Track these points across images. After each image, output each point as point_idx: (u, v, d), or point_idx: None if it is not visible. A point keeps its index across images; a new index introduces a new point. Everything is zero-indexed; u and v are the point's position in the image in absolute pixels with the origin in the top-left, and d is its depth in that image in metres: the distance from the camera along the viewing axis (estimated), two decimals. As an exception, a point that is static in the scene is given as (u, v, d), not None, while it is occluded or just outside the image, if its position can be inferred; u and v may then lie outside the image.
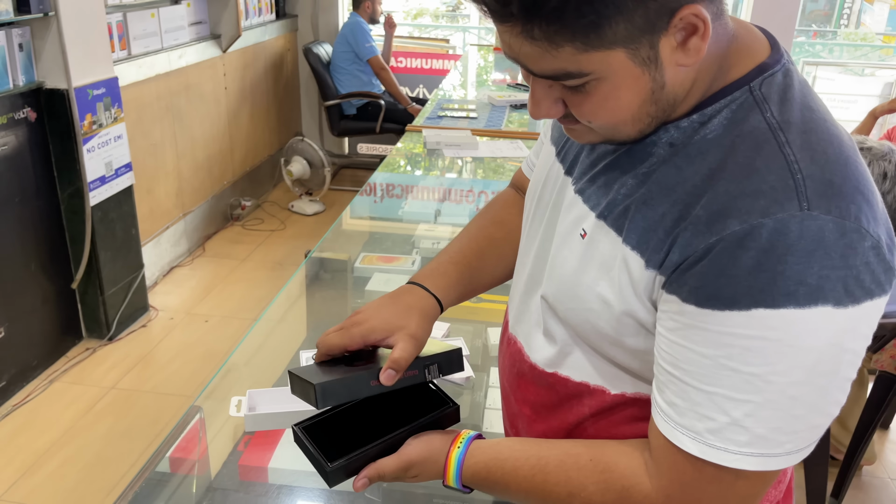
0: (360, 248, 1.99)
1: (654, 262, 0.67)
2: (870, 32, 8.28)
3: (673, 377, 0.66)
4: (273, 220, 4.42)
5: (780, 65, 0.68)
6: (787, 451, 0.64)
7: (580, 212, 0.75)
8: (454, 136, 2.77)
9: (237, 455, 1.16)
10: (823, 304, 0.59)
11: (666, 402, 0.67)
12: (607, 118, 0.66)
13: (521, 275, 0.88)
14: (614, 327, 0.72)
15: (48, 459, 2.39)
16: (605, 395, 0.78)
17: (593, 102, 0.65)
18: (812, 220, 0.59)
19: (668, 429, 0.67)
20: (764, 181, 0.62)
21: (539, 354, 0.83)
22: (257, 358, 1.49)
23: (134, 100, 3.26)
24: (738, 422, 0.62)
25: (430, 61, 5.35)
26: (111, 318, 3.04)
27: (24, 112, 2.64)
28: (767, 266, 0.59)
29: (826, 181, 0.61)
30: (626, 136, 0.69)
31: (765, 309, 0.60)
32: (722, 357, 0.62)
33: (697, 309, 0.63)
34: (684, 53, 0.62)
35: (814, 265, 0.59)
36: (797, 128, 0.64)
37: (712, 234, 0.62)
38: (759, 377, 0.61)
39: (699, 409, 0.64)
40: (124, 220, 3.09)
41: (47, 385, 2.77)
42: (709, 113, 0.67)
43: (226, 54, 4.12)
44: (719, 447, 0.64)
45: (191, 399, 2.74)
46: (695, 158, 0.66)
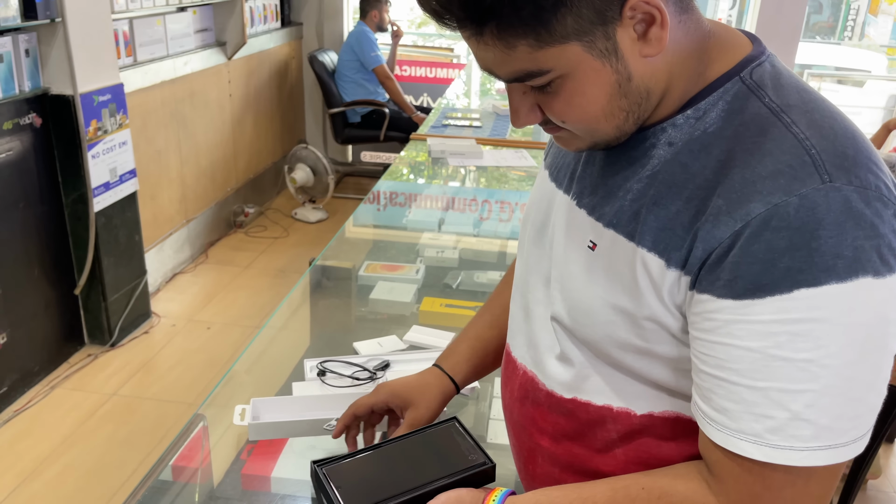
0: (364, 256, 1.99)
1: (675, 262, 0.65)
2: (874, 44, 8.29)
3: (719, 380, 0.63)
4: (276, 228, 4.42)
5: (765, 56, 0.69)
6: (852, 438, 0.61)
7: (586, 225, 0.74)
8: (458, 144, 2.77)
9: (240, 464, 1.15)
10: (864, 275, 0.58)
11: (715, 409, 0.64)
12: (578, 115, 0.66)
13: (524, 303, 0.86)
14: (640, 335, 0.70)
15: (48, 466, 2.38)
16: (631, 418, 0.75)
17: (562, 101, 0.66)
18: (836, 191, 0.59)
19: (724, 437, 0.63)
20: (779, 161, 0.61)
21: (555, 381, 0.80)
22: (260, 366, 1.48)
23: (139, 106, 3.27)
24: (798, 415, 0.59)
25: (435, 70, 5.36)
26: (113, 324, 3.04)
27: (30, 117, 2.64)
28: (801, 244, 0.58)
29: (840, 153, 0.61)
30: (606, 135, 0.69)
31: (807, 289, 0.58)
32: (771, 347, 0.60)
33: (736, 302, 0.61)
34: (647, 44, 0.63)
35: (847, 236, 0.58)
36: (798, 109, 0.64)
37: (736, 221, 0.61)
38: (813, 362, 0.59)
39: (755, 409, 0.61)
40: (128, 227, 3.09)
41: (49, 391, 2.76)
42: (703, 107, 0.67)
43: (231, 61, 4.13)
44: (784, 447, 0.60)
45: (192, 406, 2.73)
46: (699, 154, 0.66)
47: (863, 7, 8.73)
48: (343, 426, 1.02)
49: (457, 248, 2.03)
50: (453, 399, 1.03)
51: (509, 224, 2.23)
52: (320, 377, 1.30)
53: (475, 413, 1.31)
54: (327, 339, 1.63)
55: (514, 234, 2.13)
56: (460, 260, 1.94)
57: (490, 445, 1.23)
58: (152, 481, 1.10)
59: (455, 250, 2.01)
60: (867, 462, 2.05)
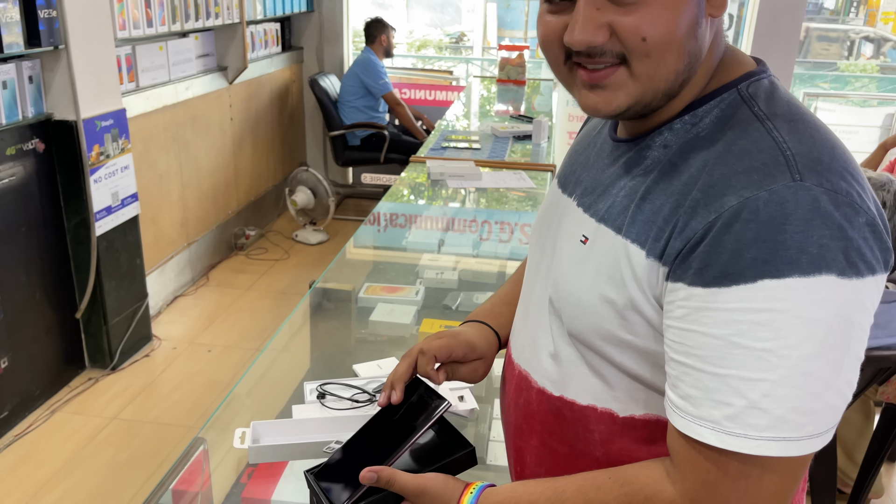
0: (364, 277, 2.00)
1: (654, 251, 0.68)
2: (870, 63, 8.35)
3: (686, 367, 0.65)
4: (277, 250, 4.43)
5: (766, 74, 0.73)
6: (808, 433, 0.62)
7: (581, 221, 0.78)
8: (458, 166, 2.79)
9: (240, 487, 1.15)
10: (827, 272, 0.60)
11: (681, 396, 0.66)
12: (662, 31, 0.66)
13: (525, 304, 0.90)
14: (623, 326, 0.72)
15: (49, 491, 2.37)
16: (613, 419, 0.78)
17: (649, 14, 0.66)
18: (805, 190, 0.61)
19: (685, 423, 0.65)
20: (755, 159, 0.64)
21: (545, 378, 0.83)
22: (260, 388, 1.49)
23: (141, 131, 3.30)
24: (755, 404, 0.61)
25: (434, 93, 5.41)
26: (114, 347, 3.04)
27: (33, 143, 2.67)
28: (767, 236, 0.60)
29: (815, 158, 0.64)
30: (664, 81, 0.69)
31: (770, 280, 0.60)
32: (733, 335, 0.62)
33: (704, 290, 0.63)
34: (712, 4, 0.68)
35: (812, 233, 0.60)
36: (783, 118, 0.68)
37: (710, 213, 0.64)
38: (772, 352, 0.61)
39: (715, 396, 0.63)
40: (129, 250, 3.10)
41: (49, 415, 2.76)
42: (700, 114, 0.71)
43: (232, 86, 4.17)
44: (739, 434, 0.62)
45: (192, 430, 2.73)
46: (689, 155, 0.69)
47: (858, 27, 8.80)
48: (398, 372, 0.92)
49: (456, 270, 2.04)
50: (453, 421, 1.02)
51: (509, 245, 2.24)
52: (320, 400, 1.30)
53: (475, 434, 1.32)
54: (327, 361, 1.63)
55: (514, 255, 2.14)
56: (460, 281, 1.95)
57: (489, 467, 1.23)
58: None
59: (454, 271, 2.02)
60: (869, 481, 2.04)
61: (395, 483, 0.78)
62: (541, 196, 2.64)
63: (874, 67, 8.19)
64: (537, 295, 0.86)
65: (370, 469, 0.79)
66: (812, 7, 9.05)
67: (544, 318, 0.83)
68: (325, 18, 5.13)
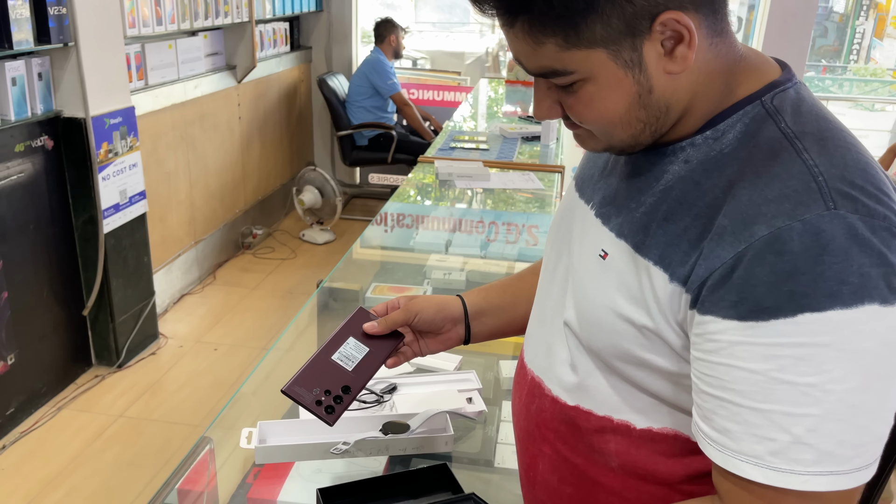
0: (372, 277, 1.99)
1: (678, 277, 0.66)
2: (879, 68, 8.32)
3: (722, 401, 0.63)
4: (284, 249, 4.43)
5: (792, 83, 0.70)
6: (856, 466, 0.60)
7: (600, 234, 0.76)
8: (466, 167, 2.78)
9: (246, 487, 1.14)
10: (870, 302, 0.58)
11: (716, 430, 0.64)
12: (595, 118, 0.69)
13: (540, 310, 0.88)
14: (642, 345, 0.70)
15: (55, 488, 2.37)
16: (630, 431, 0.76)
17: (582, 103, 0.68)
18: (841, 218, 0.59)
19: (724, 458, 0.63)
20: (786, 185, 0.62)
21: (560, 387, 0.81)
22: (267, 388, 1.48)
23: (149, 129, 3.30)
24: (800, 439, 0.59)
25: (442, 93, 5.40)
26: (121, 345, 3.04)
27: (42, 140, 2.67)
28: (805, 268, 0.58)
29: (848, 182, 0.61)
30: (622, 142, 0.71)
31: (811, 313, 0.58)
32: (773, 370, 0.60)
33: (740, 323, 0.61)
34: (671, 61, 0.64)
35: (853, 263, 0.58)
36: (813, 136, 0.65)
37: (740, 242, 0.61)
38: (816, 387, 0.59)
39: (757, 431, 0.61)
40: (137, 248, 3.11)
41: (55, 412, 2.76)
42: (722, 129, 0.68)
43: (240, 84, 4.17)
44: (785, 469, 0.60)
45: (198, 428, 2.73)
46: (712, 173, 0.67)
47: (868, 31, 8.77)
48: None
49: (464, 270, 2.03)
50: (461, 423, 1.03)
51: (516, 246, 2.23)
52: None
53: (482, 437, 1.31)
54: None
55: (522, 257, 2.13)
56: (467, 282, 1.94)
57: (497, 470, 1.22)
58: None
59: (462, 272, 2.01)
60: (879, 488, 2.02)
61: None
62: (549, 197, 2.62)
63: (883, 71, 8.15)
64: (553, 301, 0.84)
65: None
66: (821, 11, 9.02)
67: (560, 326, 0.82)
68: (333, 18, 5.13)
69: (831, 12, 9.42)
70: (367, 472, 1.15)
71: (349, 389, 0.89)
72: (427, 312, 0.98)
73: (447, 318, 1.00)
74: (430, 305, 0.99)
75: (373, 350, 0.94)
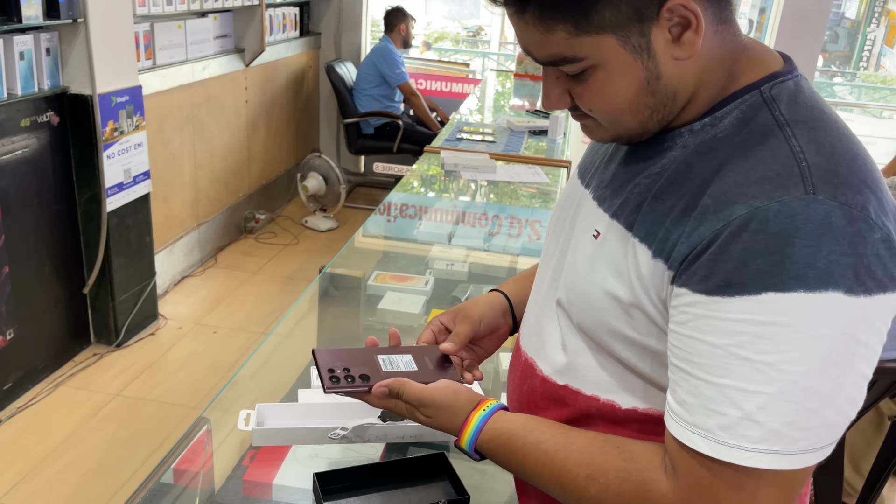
0: (374, 266, 1.99)
1: (661, 253, 0.67)
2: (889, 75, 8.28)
3: (684, 373, 0.65)
4: (286, 235, 4.43)
5: (792, 75, 0.71)
6: (801, 448, 0.61)
7: (595, 215, 0.78)
8: (472, 158, 2.77)
9: (242, 469, 1.14)
10: (834, 289, 0.59)
11: (677, 401, 0.66)
12: (604, 106, 0.70)
13: (536, 292, 0.90)
14: (628, 323, 0.72)
15: (49, 464, 2.38)
16: (615, 411, 0.78)
17: (591, 90, 0.69)
18: (818, 203, 0.60)
19: (680, 429, 0.65)
20: (770, 168, 0.63)
21: (550, 366, 0.83)
22: (266, 371, 1.48)
23: (156, 109, 3.29)
24: (750, 416, 0.61)
25: (450, 84, 5.39)
26: (120, 324, 3.04)
27: (48, 116, 2.66)
28: (775, 248, 0.59)
29: (831, 171, 0.62)
30: (629, 130, 0.72)
31: (774, 293, 0.59)
32: (733, 346, 0.61)
33: (707, 297, 0.62)
34: (679, 47, 0.65)
35: (822, 249, 0.59)
36: (804, 125, 0.66)
37: (719, 220, 0.62)
38: (771, 366, 0.60)
39: (710, 405, 0.63)
40: (139, 228, 3.10)
41: (53, 389, 2.76)
42: (719, 115, 0.70)
43: (248, 68, 4.16)
44: (731, 444, 0.62)
45: (195, 410, 2.73)
46: (705, 156, 0.68)
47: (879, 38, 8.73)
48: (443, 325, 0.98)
49: (466, 262, 2.03)
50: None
51: (519, 240, 2.23)
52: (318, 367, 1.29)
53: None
54: (334, 347, 1.62)
55: (524, 251, 2.13)
56: (469, 274, 1.94)
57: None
58: (153, 483, 1.10)
59: (465, 264, 2.01)
60: (874, 494, 2.03)
61: (403, 394, 0.83)
62: (553, 192, 2.62)
63: (893, 79, 8.12)
64: (547, 284, 0.86)
65: (381, 384, 0.84)
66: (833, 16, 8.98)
67: (552, 308, 0.83)
68: (344, 5, 5.11)
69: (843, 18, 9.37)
70: (364, 458, 1.15)
71: (367, 378, 0.87)
72: (488, 315, 0.98)
73: (500, 313, 1.00)
74: (485, 308, 0.99)
75: (420, 372, 0.89)
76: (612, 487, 0.69)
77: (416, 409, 0.83)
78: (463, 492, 0.98)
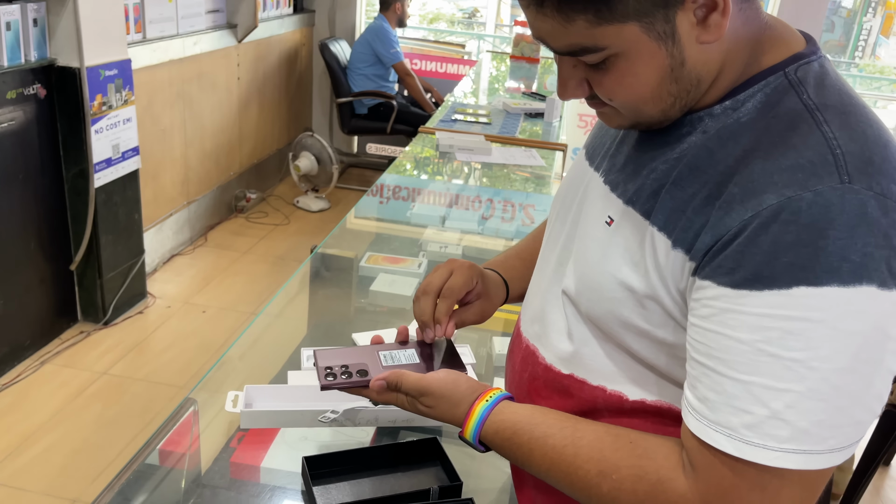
0: (366, 247, 1.96)
1: (682, 243, 0.64)
2: (887, 66, 8.28)
3: (706, 369, 0.62)
4: (277, 215, 4.39)
5: (817, 56, 0.68)
6: (830, 447, 0.59)
7: (608, 201, 0.74)
8: (467, 140, 2.74)
9: (229, 452, 1.12)
10: (868, 283, 0.56)
11: (698, 398, 0.63)
12: (627, 95, 0.66)
13: (539, 277, 0.87)
14: (641, 314, 0.69)
15: (34, 442, 2.35)
16: (622, 402, 0.75)
17: (612, 79, 0.65)
18: (854, 193, 0.57)
19: (701, 427, 0.62)
20: (801, 156, 0.60)
21: (554, 354, 0.80)
22: (255, 352, 1.46)
23: (145, 84, 3.23)
24: (777, 414, 0.58)
25: (445, 65, 5.33)
26: (108, 302, 3.01)
27: (35, 88, 2.61)
28: (808, 241, 0.57)
29: (866, 159, 0.59)
30: (650, 118, 0.69)
31: (806, 287, 0.57)
32: (760, 342, 0.58)
33: (734, 291, 0.60)
34: (705, 30, 0.62)
35: (857, 241, 0.56)
36: (835, 109, 0.63)
37: (747, 210, 0.60)
38: (802, 363, 0.57)
39: (735, 403, 0.60)
40: (128, 205, 3.06)
41: (39, 366, 2.73)
42: (742, 98, 0.66)
43: (241, 44, 4.09)
44: (757, 444, 0.59)
45: (183, 389, 2.70)
46: (727, 141, 0.65)
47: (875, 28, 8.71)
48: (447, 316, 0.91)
49: (460, 245, 2.00)
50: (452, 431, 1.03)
51: (513, 224, 2.20)
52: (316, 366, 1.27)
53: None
54: (325, 328, 1.60)
55: (519, 235, 2.10)
56: (463, 256, 1.91)
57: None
58: (138, 465, 1.07)
59: (458, 247, 1.99)
60: (863, 484, 2.03)
61: (401, 386, 0.81)
62: (547, 177, 2.59)
63: (890, 69, 8.12)
64: (551, 269, 0.83)
65: (378, 378, 0.82)
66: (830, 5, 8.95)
67: (558, 294, 0.80)
68: (339, -18, 5.04)
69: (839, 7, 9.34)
70: (354, 442, 1.13)
71: (365, 373, 0.85)
72: (484, 273, 0.95)
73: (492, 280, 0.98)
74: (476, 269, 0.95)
75: (421, 364, 0.88)
76: (626, 485, 0.66)
77: (417, 400, 0.81)
78: (455, 477, 0.96)
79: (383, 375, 0.82)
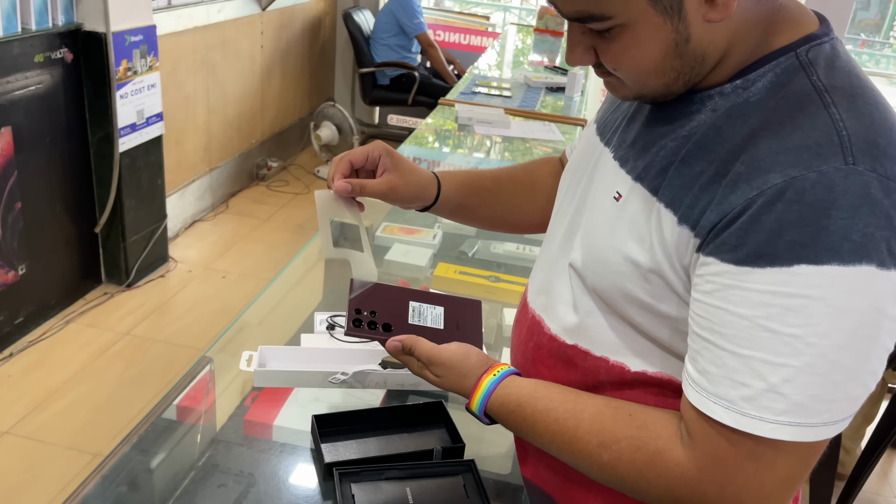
0: (383, 217, 1.98)
1: (687, 219, 0.66)
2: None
3: (707, 343, 0.64)
4: (298, 184, 4.42)
5: (829, 37, 0.68)
6: (824, 420, 0.61)
7: (617, 176, 0.75)
8: (487, 112, 2.74)
9: (243, 410, 1.16)
10: (868, 263, 0.58)
11: (698, 370, 0.65)
12: (630, 66, 0.68)
13: (547, 249, 0.88)
14: (645, 289, 0.71)
15: (58, 398, 2.43)
16: (624, 373, 0.77)
17: (617, 49, 0.66)
18: (857, 174, 0.58)
19: (700, 399, 0.64)
20: (808, 137, 0.61)
21: (559, 324, 0.82)
22: (271, 316, 1.49)
23: (170, 50, 3.26)
24: (774, 388, 0.60)
25: (469, 37, 5.30)
26: (131, 265, 3.07)
27: (61, 52, 2.65)
28: (811, 220, 0.58)
29: (871, 141, 0.60)
30: (653, 91, 0.70)
31: (807, 265, 0.58)
32: (761, 317, 0.60)
33: (736, 268, 0.61)
34: (712, 8, 0.63)
35: (859, 221, 0.58)
36: (843, 92, 0.64)
37: (752, 188, 0.61)
38: (800, 339, 0.59)
39: (734, 376, 0.62)
40: (151, 170, 3.10)
41: (63, 325, 2.80)
42: (752, 78, 0.67)
43: (265, 13, 4.10)
44: (754, 415, 0.61)
45: (202, 352, 2.74)
46: (736, 120, 0.66)
47: (912, 7, 8.47)
48: (339, 173, 0.96)
49: (476, 217, 2.02)
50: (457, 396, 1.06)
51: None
52: (329, 331, 1.30)
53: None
54: (340, 295, 1.63)
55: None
56: (478, 230, 1.93)
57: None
58: (156, 418, 1.11)
59: (474, 219, 2.00)
60: (870, 465, 2.04)
61: (415, 349, 0.83)
62: (568, 151, 2.59)
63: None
64: (559, 241, 0.84)
65: (393, 339, 0.85)
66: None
67: (564, 267, 0.82)
68: (364, -49, 5.00)
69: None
70: (363, 404, 1.16)
71: (389, 329, 0.87)
72: (398, 156, 0.97)
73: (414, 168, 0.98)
74: (386, 147, 0.96)
75: (444, 331, 0.90)
76: (626, 455, 0.69)
77: (426, 367, 0.83)
78: (458, 440, 0.99)
79: (399, 338, 0.85)
